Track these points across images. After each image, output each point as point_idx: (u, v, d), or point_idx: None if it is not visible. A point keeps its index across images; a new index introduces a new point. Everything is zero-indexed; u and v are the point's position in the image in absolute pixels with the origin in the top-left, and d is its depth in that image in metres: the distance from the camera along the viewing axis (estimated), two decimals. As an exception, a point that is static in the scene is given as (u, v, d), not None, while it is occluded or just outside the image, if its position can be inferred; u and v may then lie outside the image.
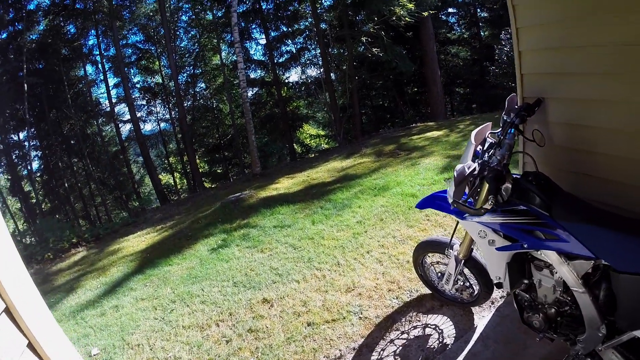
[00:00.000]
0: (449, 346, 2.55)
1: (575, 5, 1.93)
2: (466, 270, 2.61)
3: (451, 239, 2.56)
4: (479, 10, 17.81)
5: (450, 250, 2.53)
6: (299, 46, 16.32)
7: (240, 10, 14.80)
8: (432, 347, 2.60)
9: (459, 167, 1.84)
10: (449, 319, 2.79)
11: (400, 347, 2.65)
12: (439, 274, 2.80)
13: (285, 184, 7.55)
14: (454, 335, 2.65)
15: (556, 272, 1.86)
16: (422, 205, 2.55)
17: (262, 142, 16.52)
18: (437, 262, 2.86)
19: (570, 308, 1.88)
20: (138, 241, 6.55)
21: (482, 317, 2.74)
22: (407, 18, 10.89)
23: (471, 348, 2.45)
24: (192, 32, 17.36)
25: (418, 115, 16.81)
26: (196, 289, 3.95)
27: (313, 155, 14.63)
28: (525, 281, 2.04)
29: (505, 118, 2.14)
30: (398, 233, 4.07)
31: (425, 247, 2.81)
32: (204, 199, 8.88)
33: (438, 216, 4.22)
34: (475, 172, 1.91)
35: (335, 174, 7.38)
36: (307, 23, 15.56)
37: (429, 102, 15.42)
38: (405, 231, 4.09)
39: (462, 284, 2.64)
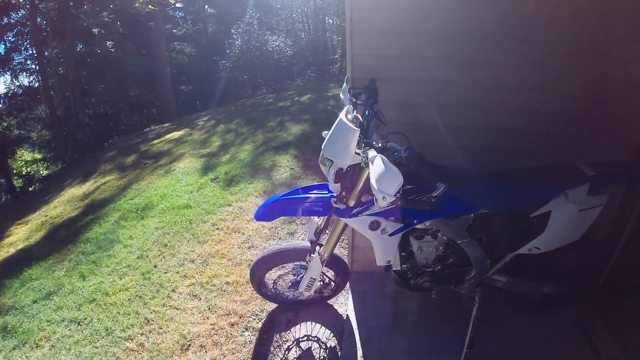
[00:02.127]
0: (339, 350, 2.40)
1: None
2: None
3: (317, 241, 2.30)
4: (207, 6, 17.54)
5: (313, 255, 2.26)
6: (8, 46, 12.49)
7: None
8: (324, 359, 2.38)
9: (376, 158, 1.57)
10: (316, 324, 2.60)
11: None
12: (292, 283, 2.48)
13: (20, 235, 5.27)
14: (333, 336, 2.50)
15: (440, 234, 2.09)
16: (265, 215, 2.12)
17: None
18: (285, 274, 2.52)
19: (454, 258, 2.18)
20: None
21: (341, 304, 2.72)
22: (151, 6, 9.36)
23: (361, 338, 2.41)
24: None
25: (146, 118, 15.17)
26: None
27: (38, 186, 11.64)
28: (403, 253, 2.15)
29: (354, 100, 2.10)
30: (194, 255, 3.40)
31: (269, 263, 2.40)
32: None
33: (226, 222, 3.80)
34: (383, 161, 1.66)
35: (80, 205, 5.54)
36: (18, 16, 11.68)
37: (159, 102, 14.25)
38: (200, 250, 3.47)
39: (322, 283, 2.51)
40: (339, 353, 2.37)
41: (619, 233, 2.36)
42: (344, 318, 2.58)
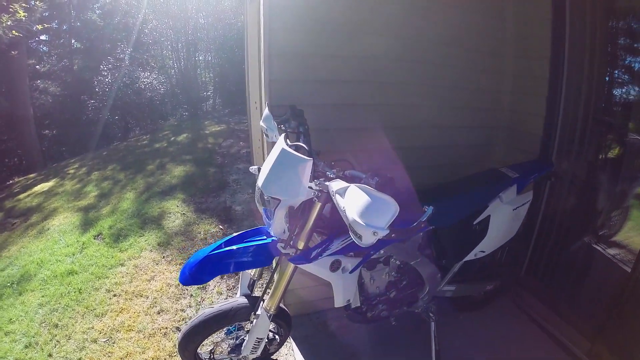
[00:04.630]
0: None
1: (325, 18, 2.15)
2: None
3: (262, 299, 1.93)
4: (74, 40, 15.32)
5: (258, 312, 1.91)
6: None
7: None
8: None
9: (349, 188, 1.30)
10: None
11: None
12: (231, 348, 2.09)
13: None
14: None
15: (393, 259, 2.02)
16: (195, 277, 1.68)
17: None
18: (221, 341, 2.14)
19: (407, 280, 2.14)
20: None
21: (286, 355, 2.46)
22: (15, 32, 7.87)
23: None
24: None
25: (7, 169, 13.06)
26: None
27: None
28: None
29: (283, 127, 1.93)
30: (95, 332, 2.74)
31: (202, 332, 1.93)
32: None
33: (123, 285, 3.24)
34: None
35: None
36: None
37: (21, 149, 11.66)
38: (101, 325, 2.82)
39: (267, 339, 2.17)
40: None
41: (533, 224, 2.76)
42: None
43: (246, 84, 8.26)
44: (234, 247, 1.72)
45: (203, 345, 2.10)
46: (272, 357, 2.42)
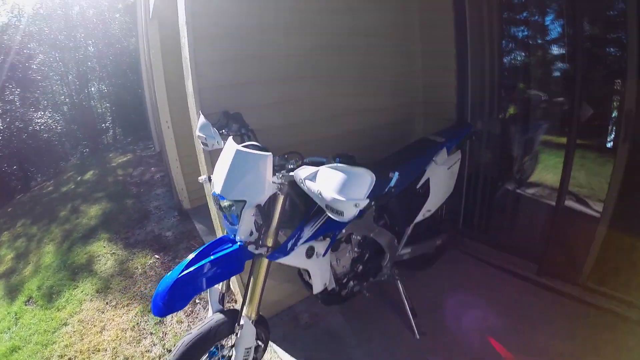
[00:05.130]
0: None
1: (247, 22, 2.20)
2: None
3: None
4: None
5: (242, 322, 1.82)
6: None
7: None
8: None
9: (320, 170, 1.34)
10: None
11: None
12: None
13: None
14: None
15: (354, 236, 2.14)
16: (171, 305, 1.53)
17: None
18: None
19: (368, 253, 2.27)
20: None
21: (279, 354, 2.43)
22: None
23: None
24: None
25: None
26: None
27: None
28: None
29: (224, 132, 1.90)
30: None
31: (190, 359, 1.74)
32: None
33: (75, 346, 2.89)
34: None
35: None
36: None
37: None
38: None
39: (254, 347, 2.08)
40: None
41: (461, 180, 3.02)
42: None
43: (150, 106, 7.92)
44: (203, 262, 1.62)
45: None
46: None
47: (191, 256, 1.66)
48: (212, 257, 1.64)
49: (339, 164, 1.31)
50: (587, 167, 2.55)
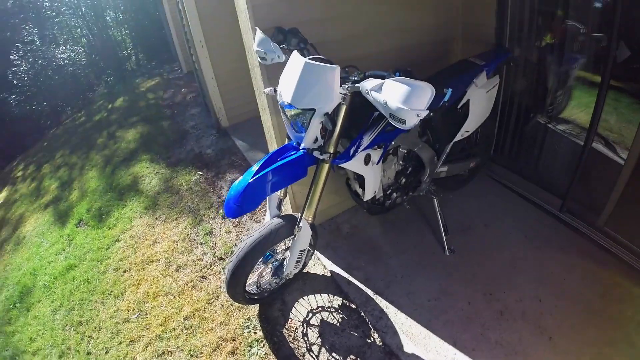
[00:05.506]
0: (351, 303, 2.34)
1: None
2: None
3: (301, 215, 1.99)
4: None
5: (301, 225, 2.00)
6: None
7: None
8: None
9: (385, 82, 1.47)
10: (310, 295, 2.43)
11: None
12: (274, 271, 2.24)
13: None
14: (335, 296, 2.41)
15: (400, 149, 2.28)
16: (243, 206, 1.72)
17: None
18: (262, 269, 2.22)
19: (411, 167, 2.42)
20: None
21: (314, 266, 2.61)
22: None
23: (361, 279, 2.46)
24: None
25: None
26: None
27: None
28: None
29: (285, 47, 2.00)
30: (123, 313, 2.59)
31: (250, 262, 1.96)
32: None
33: (129, 259, 3.07)
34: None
35: None
36: None
37: None
38: (125, 304, 2.66)
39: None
40: (353, 305, 2.32)
41: (496, 106, 2.97)
42: (329, 276, 2.52)
43: (173, 27, 7.66)
44: (271, 167, 1.77)
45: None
46: (305, 269, 2.57)
47: (258, 164, 1.81)
48: (279, 163, 1.79)
49: (403, 77, 1.43)
50: (619, 111, 2.47)
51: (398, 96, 1.40)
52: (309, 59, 1.69)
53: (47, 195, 5.06)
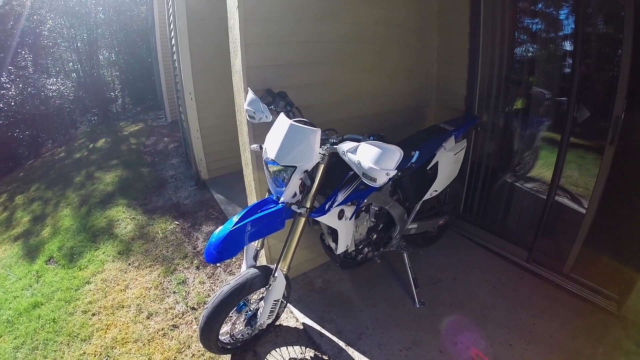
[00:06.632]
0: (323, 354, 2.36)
1: (289, 9, 2.39)
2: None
3: (277, 266, 2.10)
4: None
5: (275, 275, 2.10)
6: None
7: None
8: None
9: (360, 145, 1.65)
10: (281, 348, 2.46)
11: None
12: (247, 321, 2.27)
13: None
14: (307, 348, 2.43)
15: (372, 206, 2.43)
16: (223, 252, 1.82)
17: None
18: (235, 320, 2.26)
19: (382, 223, 2.58)
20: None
21: (286, 319, 2.68)
22: None
23: (335, 333, 2.50)
24: None
25: None
26: None
27: None
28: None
29: (273, 108, 2.20)
30: (90, 357, 2.54)
31: (223, 311, 2.04)
32: None
33: (99, 303, 3.04)
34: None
35: None
36: None
37: None
38: (92, 348, 2.60)
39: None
40: (325, 357, 2.36)
41: (465, 167, 3.32)
42: (302, 328, 2.58)
43: (163, 76, 7.97)
44: (252, 218, 1.91)
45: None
46: (277, 321, 2.60)
47: (239, 214, 1.93)
48: (259, 214, 1.92)
49: (375, 141, 1.62)
50: (578, 165, 2.79)
51: (370, 157, 1.58)
52: (294, 121, 1.88)
53: (17, 227, 4.96)
